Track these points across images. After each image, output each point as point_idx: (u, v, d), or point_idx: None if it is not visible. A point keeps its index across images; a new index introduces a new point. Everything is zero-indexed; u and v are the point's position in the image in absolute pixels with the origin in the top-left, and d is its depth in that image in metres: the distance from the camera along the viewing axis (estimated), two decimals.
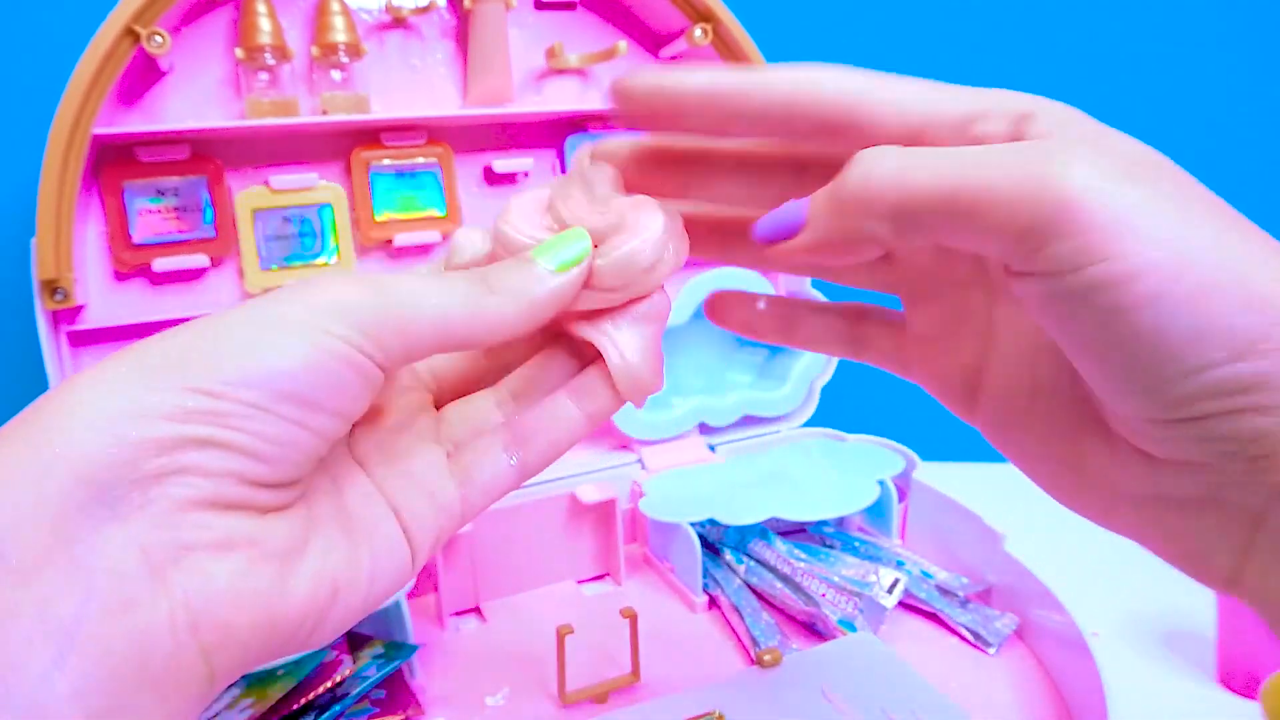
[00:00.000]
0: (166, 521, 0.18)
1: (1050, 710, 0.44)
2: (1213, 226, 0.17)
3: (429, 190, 0.59)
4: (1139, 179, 0.17)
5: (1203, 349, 0.16)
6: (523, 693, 0.46)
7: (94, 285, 0.53)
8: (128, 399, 0.18)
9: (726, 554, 0.56)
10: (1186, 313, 0.16)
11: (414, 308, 0.21)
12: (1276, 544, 0.18)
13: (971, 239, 0.18)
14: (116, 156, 0.52)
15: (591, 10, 0.63)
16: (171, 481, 0.18)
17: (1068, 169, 0.17)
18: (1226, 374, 0.16)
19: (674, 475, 0.60)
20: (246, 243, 0.55)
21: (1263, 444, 0.17)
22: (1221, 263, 0.16)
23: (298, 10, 0.56)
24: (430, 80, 0.60)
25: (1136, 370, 0.17)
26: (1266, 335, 0.16)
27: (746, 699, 0.41)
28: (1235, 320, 0.16)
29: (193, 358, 0.19)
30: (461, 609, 0.55)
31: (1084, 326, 0.17)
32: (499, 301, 0.22)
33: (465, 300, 0.21)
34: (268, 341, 0.19)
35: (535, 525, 0.56)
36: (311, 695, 0.42)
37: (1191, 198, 0.17)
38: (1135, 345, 0.17)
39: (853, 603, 0.49)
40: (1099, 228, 0.16)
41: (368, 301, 0.20)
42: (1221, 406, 0.17)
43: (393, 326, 0.20)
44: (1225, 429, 0.17)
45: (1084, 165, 0.17)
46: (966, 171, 0.18)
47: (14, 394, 0.63)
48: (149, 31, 0.47)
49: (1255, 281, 0.16)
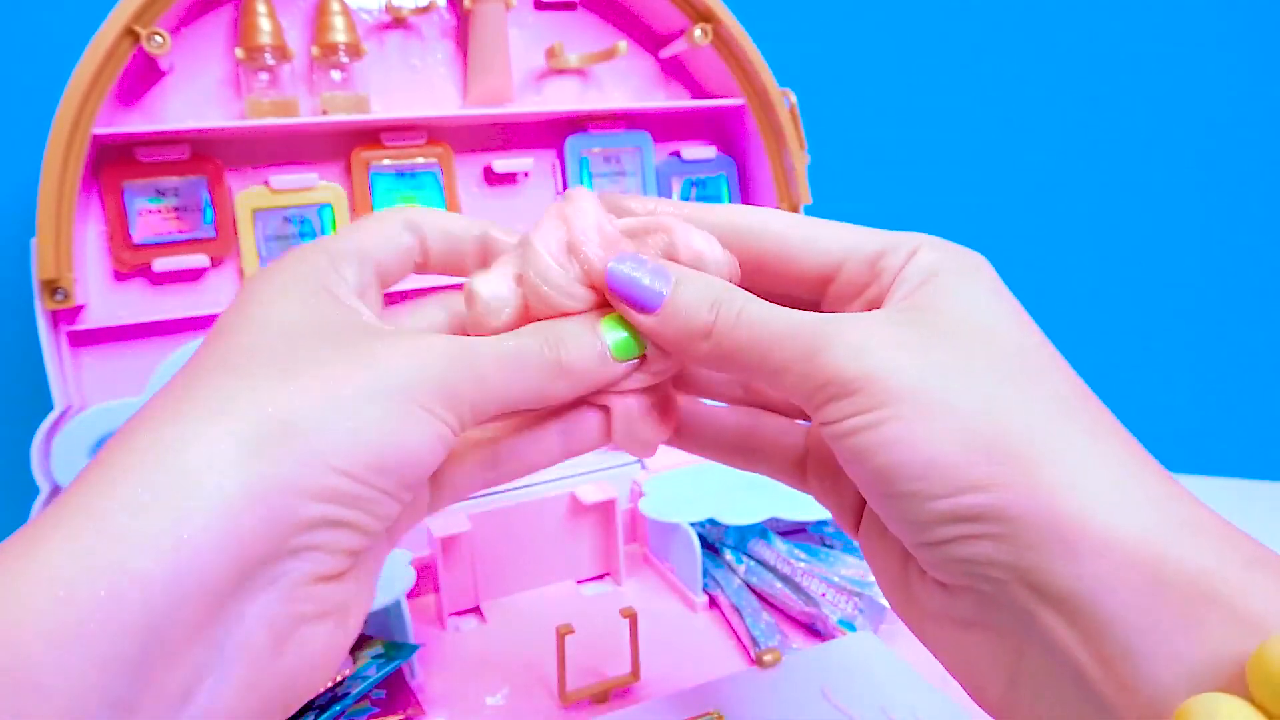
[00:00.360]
0: (290, 596, 0.19)
1: None
2: (966, 383, 0.20)
3: (429, 190, 0.59)
4: (903, 345, 0.20)
5: (931, 484, 0.19)
6: (523, 693, 0.46)
7: (94, 285, 0.53)
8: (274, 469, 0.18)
9: (726, 554, 0.56)
10: (919, 454, 0.19)
11: (501, 388, 0.22)
12: (1038, 669, 0.20)
13: (778, 391, 0.22)
14: (116, 156, 0.52)
15: (591, 10, 0.63)
16: (302, 557, 0.19)
17: (830, 343, 0.20)
18: (954, 505, 0.19)
19: (674, 475, 0.60)
20: (246, 243, 0.55)
21: (996, 568, 0.19)
22: (958, 414, 0.19)
23: (298, 10, 0.56)
24: (430, 80, 0.60)
25: (890, 500, 0.20)
26: (990, 475, 0.19)
27: (746, 699, 0.41)
28: (959, 460, 0.19)
29: (329, 432, 0.19)
30: (461, 609, 0.55)
31: (853, 467, 0.21)
32: (563, 386, 0.23)
33: (540, 384, 0.22)
34: (395, 427, 0.20)
35: (535, 525, 0.56)
36: (311, 695, 0.42)
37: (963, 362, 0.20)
38: (885, 480, 0.20)
39: (853, 603, 0.49)
40: (855, 389, 0.20)
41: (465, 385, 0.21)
42: (956, 533, 0.19)
43: (482, 409, 0.21)
44: (963, 553, 0.20)
45: (852, 336, 0.20)
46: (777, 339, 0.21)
47: (14, 394, 0.63)
48: (149, 31, 0.47)
49: (983, 430, 0.19)
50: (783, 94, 0.62)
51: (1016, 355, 0.21)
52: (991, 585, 0.20)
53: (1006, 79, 0.88)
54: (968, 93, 0.87)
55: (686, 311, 0.22)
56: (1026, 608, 0.19)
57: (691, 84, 0.67)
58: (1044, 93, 0.90)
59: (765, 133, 0.63)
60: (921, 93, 0.85)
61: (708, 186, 0.67)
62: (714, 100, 0.64)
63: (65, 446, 0.47)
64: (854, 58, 0.83)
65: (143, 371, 0.53)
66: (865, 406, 0.20)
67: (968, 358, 0.20)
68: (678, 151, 0.66)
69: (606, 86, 0.64)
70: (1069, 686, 0.19)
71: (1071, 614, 0.18)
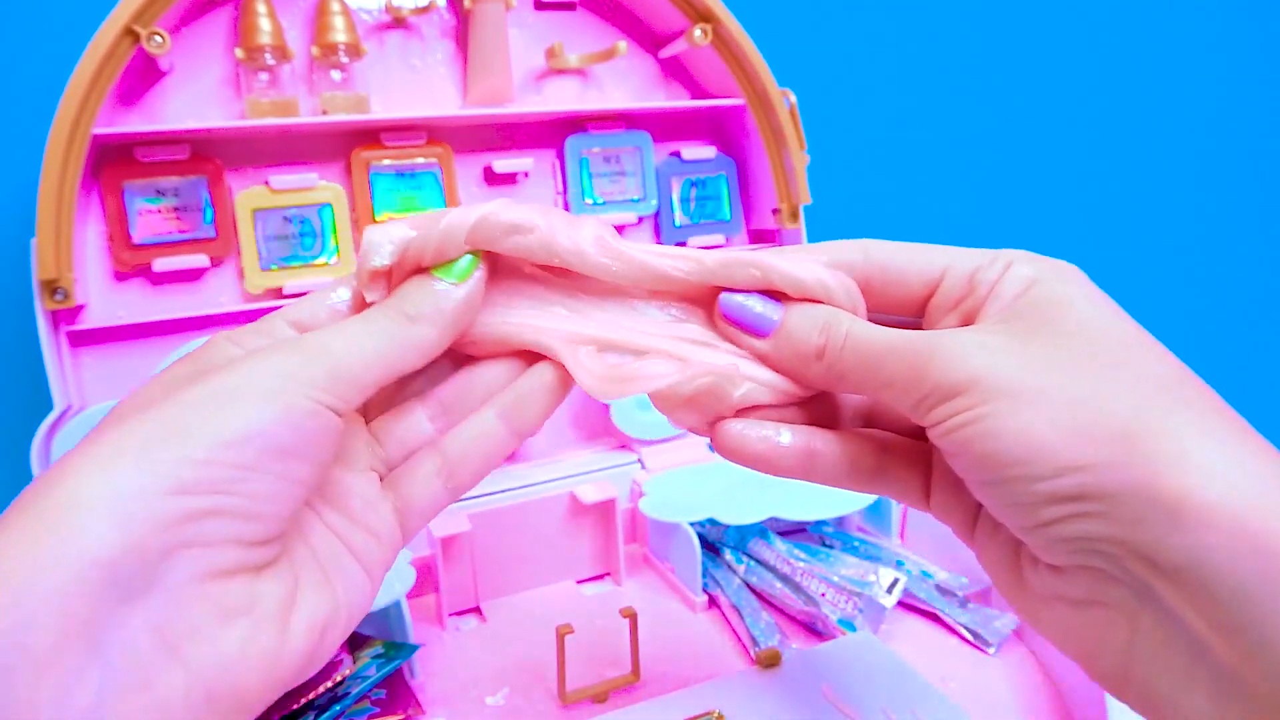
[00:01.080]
0: (175, 598, 0.19)
1: (1050, 710, 0.44)
2: (1064, 374, 0.21)
3: (429, 190, 0.59)
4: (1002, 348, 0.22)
5: (1033, 468, 0.21)
6: (523, 693, 0.47)
7: (94, 285, 0.53)
8: (126, 479, 0.19)
9: (726, 554, 0.56)
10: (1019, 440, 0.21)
11: (353, 357, 0.23)
12: (1154, 640, 0.20)
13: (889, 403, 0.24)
14: (116, 156, 0.52)
15: (591, 10, 0.63)
16: (177, 557, 0.19)
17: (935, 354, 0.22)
18: (1056, 486, 0.20)
19: (674, 475, 0.60)
20: (246, 243, 0.55)
21: (1106, 544, 0.20)
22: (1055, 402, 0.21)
23: (298, 10, 0.56)
24: (430, 80, 0.60)
25: (996, 488, 0.22)
26: (1089, 455, 0.20)
27: (746, 699, 0.41)
28: (1058, 443, 0.20)
29: (177, 430, 0.20)
30: (461, 609, 0.55)
31: (959, 460, 0.23)
32: (421, 330, 0.24)
33: (393, 337, 0.24)
34: (240, 409, 0.21)
35: (535, 525, 0.56)
36: (311, 695, 0.42)
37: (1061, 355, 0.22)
38: (989, 467, 0.21)
39: (852, 602, 0.49)
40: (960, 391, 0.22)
41: (313, 364, 0.22)
42: (1062, 513, 0.21)
43: (342, 379, 0.22)
44: (1071, 532, 0.21)
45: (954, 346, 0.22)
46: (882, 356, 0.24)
47: (14, 394, 0.63)
48: (149, 31, 0.47)
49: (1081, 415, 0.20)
50: (783, 94, 0.62)
51: (1115, 345, 0.22)
52: (1104, 561, 0.21)
53: (1006, 79, 0.88)
54: (968, 93, 0.87)
55: (797, 334, 0.25)
56: (1142, 580, 0.20)
57: (691, 84, 0.67)
58: (1044, 93, 0.90)
59: (765, 133, 0.63)
60: (921, 93, 0.85)
61: (708, 186, 0.67)
62: (714, 100, 0.64)
63: (65, 446, 0.47)
64: (854, 58, 0.83)
65: (143, 371, 0.53)
66: (969, 405, 0.21)
67: (1066, 351, 0.22)
68: (678, 151, 0.66)
69: (606, 86, 0.64)
70: (1186, 656, 0.20)
71: (1186, 586, 0.19)
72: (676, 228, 0.66)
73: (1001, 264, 0.24)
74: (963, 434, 0.22)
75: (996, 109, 0.88)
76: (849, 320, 0.25)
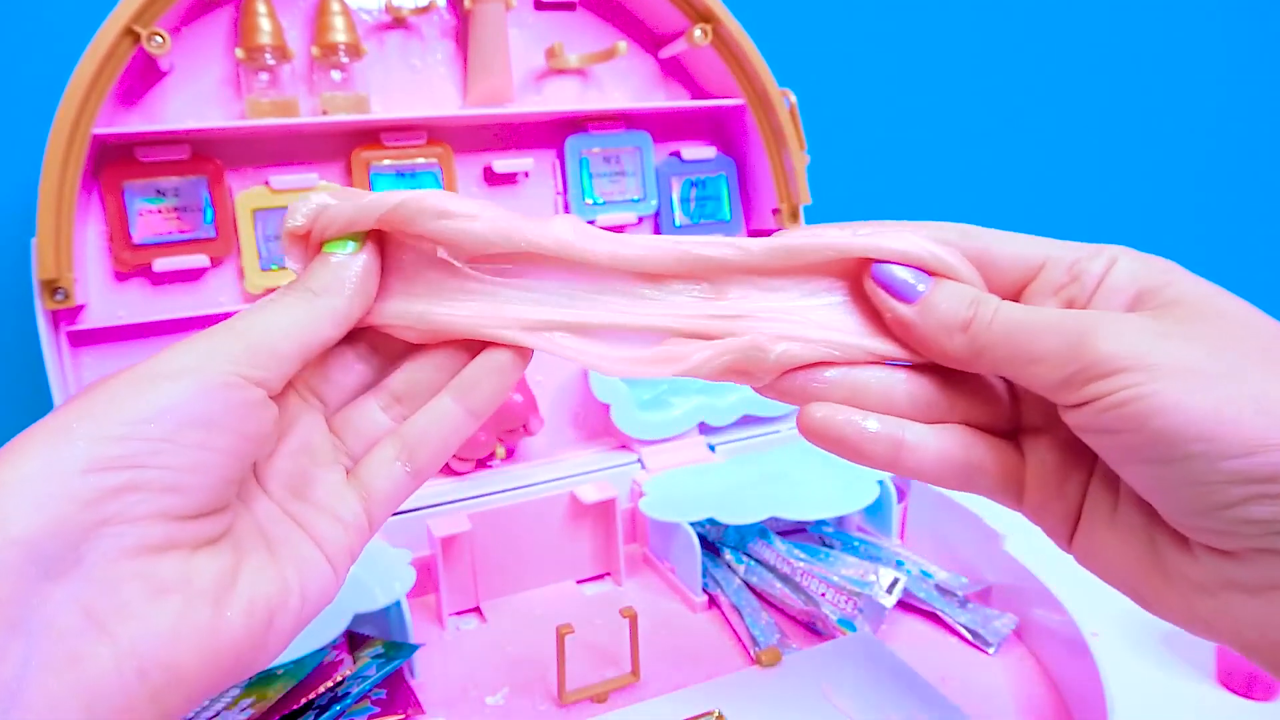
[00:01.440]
0: (102, 575, 0.19)
1: (1050, 710, 0.44)
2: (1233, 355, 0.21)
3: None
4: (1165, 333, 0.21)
5: (1220, 445, 0.20)
6: (523, 693, 0.47)
7: (94, 285, 0.53)
8: (43, 460, 0.19)
9: (726, 554, 0.56)
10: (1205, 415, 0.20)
11: (267, 333, 0.23)
12: None
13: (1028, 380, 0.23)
14: (116, 156, 0.52)
15: (591, 10, 0.63)
16: (101, 534, 0.19)
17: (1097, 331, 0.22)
18: (1247, 464, 0.20)
19: (674, 475, 0.60)
20: (247, 243, 0.55)
21: None
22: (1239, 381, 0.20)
23: (298, 10, 0.56)
24: (430, 80, 0.60)
25: (1170, 465, 0.21)
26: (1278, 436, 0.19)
27: (746, 698, 0.41)
28: (1252, 421, 0.20)
29: (93, 412, 0.20)
30: (461, 609, 0.55)
31: (1123, 437, 0.21)
32: (328, 301, 0.25)
33: (302, 312, 0.24)
34: (159, 386, 0.21)
35: (535, 525, 0.56)
36: (311, 695, 0.42)
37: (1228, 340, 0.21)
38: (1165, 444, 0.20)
39: (852, 602, 0.49)
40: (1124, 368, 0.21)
41: (230, 341, 0.23)
42: (1251, 492, 0.20)
43: (260, 351, 0.23)
44: (1261, 513, 0.20)
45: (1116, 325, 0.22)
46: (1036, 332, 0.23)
47: (14, 394, 0.63)
48: (149, 32, 0.47)
49: (1272, 394, 0.20)
50: (783, 94, 0.62)
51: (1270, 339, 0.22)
52: None
53: (1006, 79, 0.88)
54: (967, 93, 0.87)
55: (946, 304, 0.25)
56: None
57: (691, 84, 0.67)
58: (1044, 93, 0.90)
59: (765, 133, 0.63)
60: (921, 93, 0.85)
61: (707, 186, 0.67)
62: (714, 100, 0.64)
63: None
64: (854, 58, 0.83)
65: None
66: (1137, 381, 0.21)
67: (1233, 339, 0.21)
68: (678, 151, 0.66)
69: (606, 86, 0.64)
70: None
71: None
72: (676, 227, 0.66)
73: (1106, 257, 0.24)
74: (1132, 409, 0.21)
75: (997, 109, 0.88)
76: (997, 299, 0.25)
